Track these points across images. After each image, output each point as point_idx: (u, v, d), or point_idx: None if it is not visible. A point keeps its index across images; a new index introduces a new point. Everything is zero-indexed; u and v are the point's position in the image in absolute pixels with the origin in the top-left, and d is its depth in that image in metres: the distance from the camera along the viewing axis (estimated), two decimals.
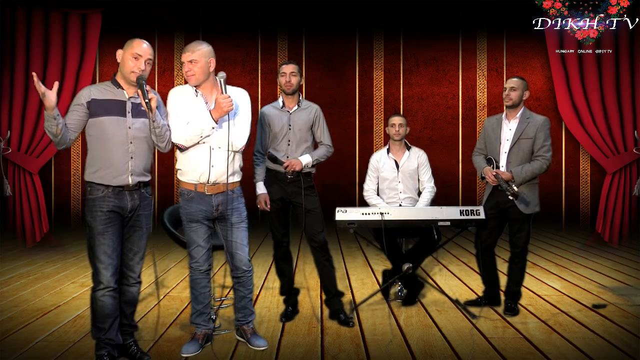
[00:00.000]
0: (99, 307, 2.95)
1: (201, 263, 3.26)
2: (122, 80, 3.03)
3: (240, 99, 3.28)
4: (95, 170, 2.95)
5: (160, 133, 3.04)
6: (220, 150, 3.18)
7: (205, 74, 3.18)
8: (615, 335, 3.52)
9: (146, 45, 3.00)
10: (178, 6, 8.99)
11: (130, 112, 3.00)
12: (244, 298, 3.38)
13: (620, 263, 5.89)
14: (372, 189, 4.47)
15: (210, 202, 3.21)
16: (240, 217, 3.31)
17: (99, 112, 2.94)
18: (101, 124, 2.94)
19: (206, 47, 3.18)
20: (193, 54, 3.14)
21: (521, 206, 3.92)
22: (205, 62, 3.16)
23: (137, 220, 3.06)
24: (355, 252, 6.61)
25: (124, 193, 2.98)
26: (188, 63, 3.15)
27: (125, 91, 3.02)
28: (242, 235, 3.31)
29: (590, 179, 9.13)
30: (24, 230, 8.27)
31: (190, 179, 3.21)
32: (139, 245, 3.09)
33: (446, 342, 3.40)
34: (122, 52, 3.00)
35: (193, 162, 3.19)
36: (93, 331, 3.02)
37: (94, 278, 2.98)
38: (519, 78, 4.07)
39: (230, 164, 3.21)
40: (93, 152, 2.97)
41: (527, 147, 3.96)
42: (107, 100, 2.97)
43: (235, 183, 3.30)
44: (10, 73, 8.38)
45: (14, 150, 8.36)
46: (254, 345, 3.29)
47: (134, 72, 2.96)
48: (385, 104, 9.31)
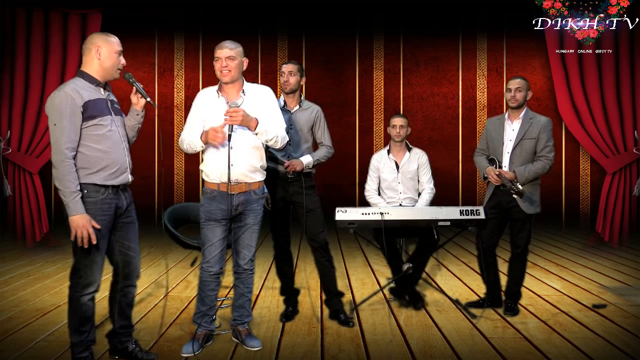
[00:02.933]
0: (83, 311, 2.86)
1: (212, 264, 3.25)
2: (98, 76, 2.90)
3: (267, 97, 3.36)
4: (92, 172, 2.83)
5: (139, 128, 3.12)
6: (239, 149, 3.19)
7: (239, 72, 3.24)
8: (615, 335, 3.52)
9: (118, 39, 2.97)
10: (178, 6, 8.99)
11: (112, 109, 2.94)
12: (242, 296, 3.39)
13: (620, 263, 5.89)
14: (373, 189, 4.47)
15: (231, 201, 3.22)
16: (255, 219, 3.33)
17: (96, 112, 2.84)
18: (98, 124, 2.84)
19: (241, 48, 3.25)
20: (232, 51, 3.18)
21: (524, 205, 3.92)
22: (240, 60, 3.22)
23: (129, 215, 3.03)
24: (355, 252, 6.61)
25: (119, 192, 2.95)
26: (226, 59, 3.17)
27: (101, 89, 2.93)
28: (253, 236, 3.34)
29: (590, 179, 9.13)
30: (24, 230, 8.27)
31: (213, 179, 3.24)
32: (135, 241, 3.06)
33: (446, 342, 3.40)
34: (101, 47, 2.86)
35: (214, 162, 3.22)
36: (73, 335, 2.89)
37: (80, 280, 2.85)
38: (521, 79, 4.06)
39: (251, 163, 3.24)
40: (89, 153, 2.81)
41: (530, 147, 3.96)
42: (96, 100, 2.86)
43: (257, 183, 3.30)
44: (10, 73, 8.39)
45: (14, 150, 8.36)
46: (248, 346, 3.29)
47: (119, 69, 2.94)
48: (385, 104, 9.31)
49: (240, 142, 3.20)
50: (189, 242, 3.91)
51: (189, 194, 9.18)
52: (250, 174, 3.25)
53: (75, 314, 2.89)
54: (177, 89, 9.28)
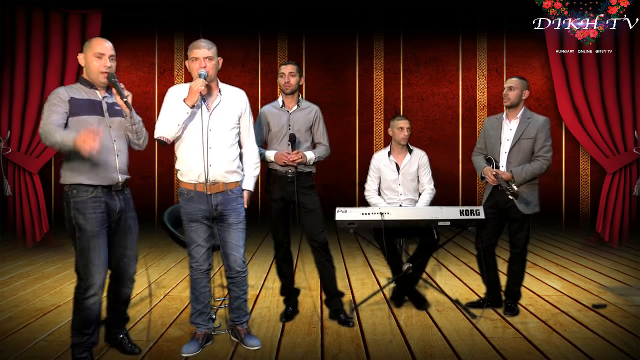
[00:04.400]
0: (86, 314, 2.91)
1: (201, 263, 3.26)
2: (90, 79, 3.02)
3: (245, 105, 3.37)
4: (81, 172, 2.90)
5: (138, 129, 3.08)
6: (217, 149, 3.19)
7: (216, 72, 3.24)
8: (615, 335, 3.52)
9: (107, 43, 3.00)
10: (178, 6, 8.99)
11: (107, 111, 3.01)
12: (238, 298, 3.38)
13: (620, 263, 5.89)
14: (374, 189, 4.46)
15: (209, 201, 3.21)
16: (238, 217, 3.30)
17: (80, 111, 2.91)
18: (84, 123, 2.89)
19: (215, 47, 3.24)
20: (209, 51, 3.18)
21: (521, 206, 3.92)
22: (216, 60, 3.23)
23: (126, 222, 3.08)
24: (355, 252, 6.61)
25: (111, 193, 2.99)
26: (204, 59, 3.16)
27: (98, 91, 3.02)
28: (239, 236, 3.31)
29: (590, 179, 9.13)
30: (24, 230, 8.27)
31: (189, 179, 3.22)
32: (132, 248, 3.14)
33: (446, 342, 3.40)
34: (84, 55, 2.99)
35: (191, 162, 3.20)
36: (75, 336, 2.96)
37: (81, 283, 2.92)
38: (518, 78, 4.06)
39: (229, 163, 3.24)
40: (77, 153, 2.78)
41: (528, 147, 3.96)
42: (84, 99, 2.95)
43: (234, 183, 3.29)
44: (10, 73, 8.38)
45: (14, 150, 8.36)
46: (247, 345, 3.29)
47: (102, 73, 2.96)
48: (385, 104, 9.31)
49: (218, 142, 3.21)
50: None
51: None
52: (228, 175, 3.25)
53: (78, 316, 2.94)
54: None
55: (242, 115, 3.35)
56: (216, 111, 3.24)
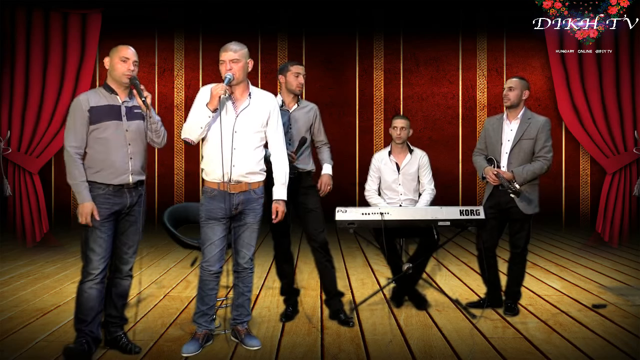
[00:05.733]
0: (84, 298, 3.08)
1: (212, 263, 3.26)
2: (114, 84, 3.19)
3: (275, 109, 3.41)
4: (96, 171, 3.11)
5: (157, 129, 3.25)
6: (241, 150, 3.23)
7: (244, 74, 3.27)
8: (615, 335, 3.52)
9: (131, 49, 3.22)
10: (178, 6, 8.99)
11: (125, 115, 3.18)
12: (242, 295, 3.39)
13: (620, 263, 5.89)
14: (374, 189, 4.46)
15: (231, 200, 3.24)
16: (255, 218, 3.35)
17: (99, 118, 3.11)
18: (102, 129, 3.11)
19: (246, 49, 3.29)
20: (236, 54, 3.21)
21: (522, 205, 3.91)
22: (245, 62, 3.26)
23: (132, 215, 3.22)
24: (355, 252, 6.61)
25: (123, 191, 3.16)
26: (230, 62, 3.20)
27: (118, 96, 3.18)
28: (253, 235, 3.37)
29: (590, 179, 9.13)
30: (24, 230, 8.27)
31: (213, 178, 3.25)
32: (133, 240, 3.25)
33: (446, 342, 3.40)
34: (109, 58, 3.19)
35: (215, 162, 3.23)
36: (75, 322, 3.13)
37: (83, 270, 3.11)
38: (518, 78, 4.06)
39: (253, 164, 3.28)
40: (94, 154, 3.11)
41: (529, 147, 3.96)
42: (104, 106, 3.14)
43: (257, 183, 3.32)
44: (10, 73, 8.39)
45: (14, 150, 8.36)
46: (247, 345, 3.30)
47: (125, 74, 3.14)
48: (385, 104, 9.31)
49: (243, 143, 3.25)
50: (188, 242, 3.91)
51: (188, 194, 9.18)
52: (251, 175, 3.28)
53: (77, 300, 3.13)
54: (177, 89, 9.28)
55: (269, 119, 3.36)
56: (243, 114, 3.27)
